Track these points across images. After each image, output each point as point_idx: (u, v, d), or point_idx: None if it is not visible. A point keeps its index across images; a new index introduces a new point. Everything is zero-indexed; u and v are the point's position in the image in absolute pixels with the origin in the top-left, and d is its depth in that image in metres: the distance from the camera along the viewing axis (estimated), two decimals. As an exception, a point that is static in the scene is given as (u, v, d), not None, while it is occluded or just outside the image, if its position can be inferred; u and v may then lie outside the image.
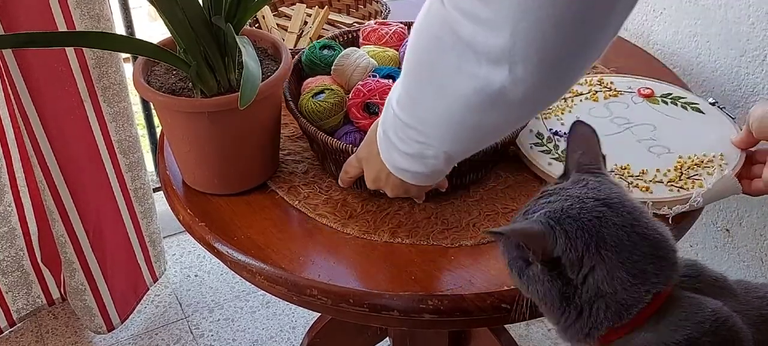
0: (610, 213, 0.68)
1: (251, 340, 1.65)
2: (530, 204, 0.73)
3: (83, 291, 1.53)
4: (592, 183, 0.71)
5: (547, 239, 0.66)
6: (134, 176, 1.52)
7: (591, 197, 0.69)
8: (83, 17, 1.28)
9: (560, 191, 0.71)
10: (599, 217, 0.67)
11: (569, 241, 0.66)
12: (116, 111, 1.42)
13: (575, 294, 0.68)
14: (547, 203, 0.70)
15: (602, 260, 0.66)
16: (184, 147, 0.94)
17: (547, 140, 1.03)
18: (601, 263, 0.66)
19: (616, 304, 0.67)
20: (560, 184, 0.74)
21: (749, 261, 1.34)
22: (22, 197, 1.51)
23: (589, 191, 0.70)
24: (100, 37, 0.95)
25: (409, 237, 0.89)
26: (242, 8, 0.89)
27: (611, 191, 0.70)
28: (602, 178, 0.72)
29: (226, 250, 0.89)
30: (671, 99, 1.10)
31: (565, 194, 0.70)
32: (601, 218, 0.67)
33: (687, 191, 0.92)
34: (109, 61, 1.36)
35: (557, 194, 0.71)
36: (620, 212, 0.68)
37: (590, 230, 0.67)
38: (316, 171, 1.00)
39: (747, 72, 1.22)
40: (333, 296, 0.83)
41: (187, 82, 0.93)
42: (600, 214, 0.67)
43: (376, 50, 1.06)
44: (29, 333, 1.66)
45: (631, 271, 0.67)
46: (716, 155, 0.98)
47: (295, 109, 0.96)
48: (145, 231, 1.61)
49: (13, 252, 1.53)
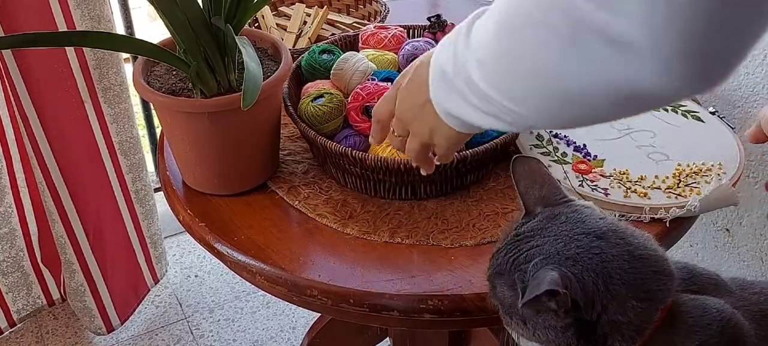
0: (605, 246, 0.67)
1: (251, 340, 1.65)
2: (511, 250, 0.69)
3: (83, 292, 1.53)
4: (571, 216, 0.69)
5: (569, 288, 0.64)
6: (135, 178, 1.52)
7: (581, 232, 0.67)
8: (84, 18, 1.28)
9: (542, 231, 0.69)
10: (598, 253, 0.66)
11: (581, 286, 0.65)
12: (117, 112, 1.42)
13: (593, 332, 0.67)
14: (537, 248, 0.67)
15: (612, 296, 0.65)
16: (184, 147, 0.94)
17: (547, 142, 1.03)
18: (612, 299, 0.65)
19: (630, 330, 0.67)
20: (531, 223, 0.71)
21: (749, 261, 1.35)
22: (22, 198, 1.51)
23: (574, 226, 0.68)
24: (100, 37, 0.95)
25: (409, 237, 0.89)
26: (242, 8, 0.89)
27: (595, 220, 0.69)
28: (574, 205, 0.71)
29: (226, 250, 0.89)
30: (672, 106, 1.11)
31: (552, 234, 0.68)
32: (600, 253, 0.66)
33: (684, 198, 0.92)
34: (110, 62, 1.36)
35: (541, 235, 0.68)
36: (613, 241, 0.67)
37: (595, 270, 0.65)
38: (316, 171, 1.00)
39: (747, 72, 1.22)
40: (333, 296, 0.83)
41: (187, 83, 0.93)
42: (598, 249, 0.66)
43: (375, 54, 1.06)
44: (29, 334, 1.66)
45: (640, 296, 0.66)
46: (715, 165, 0.98)
47: (294, 114, 0.96)
48: (147, 232, 1.61)
49: (13, 253, 1.53)
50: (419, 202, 0.95)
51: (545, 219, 0.70)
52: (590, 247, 0.66)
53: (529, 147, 1.01)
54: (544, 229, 0.69)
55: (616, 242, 0.67)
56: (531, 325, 0.69)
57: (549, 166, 0.97)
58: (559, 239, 0.67)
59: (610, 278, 0.65)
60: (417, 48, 1.05)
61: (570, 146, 1.02)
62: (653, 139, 1.04)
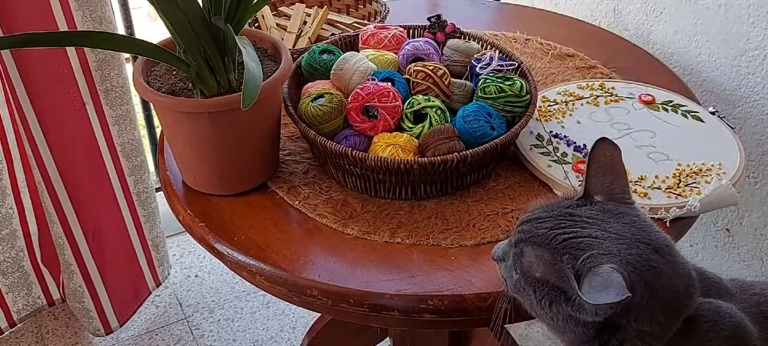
0: (660, 262, 0.66)
1: (251, 340, 1.65)
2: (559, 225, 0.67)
3: (81, 293, 1.53)
4: (635, 219, 0.68)
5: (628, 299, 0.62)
6: (137, 180, 1.52)
7: (642, 241, 0.66)
8: (85, 19, 1.27)
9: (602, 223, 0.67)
10: (655, 267, 0.65)
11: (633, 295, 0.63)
12: (119, 114, 1.41)
13: (613, 335, 0.66)
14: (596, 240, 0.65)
15: (648, 308, 0.65)
16: (184, 147, 0.94)
17: (547, 142, 1.03)
18: (646, 311, 0.65)
19: (650, 338, 0.66)
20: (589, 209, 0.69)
21: (749, 261, 1.34)
22: (22, 198, 1.51)
23: (637, 231, 0.66)
24: (100, 37, 0.95)
25: (409, 237, 0.89)
26: (242, 8, 0.89)
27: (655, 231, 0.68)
28: (636, 209, 0.70)
29: (227, 250, 0.89)
30: (672, 106, 1.11)
31: (614, 232, 0.66)
32: (656, 268, 0.65)
33: (685, 198, 0.92)
34: (112, 63, 1.36)
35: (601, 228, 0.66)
36: (667, 257, 0.66)
37: (647, 281, 0.64)
38: (316, 171, 1.00)
39: (747, 72, 1.22)
40: (333, 296, 0.83)
41: (187, 83, 0.93)
42: (655, 263, 0.65)
43: (375, 54, 1.06)
44: (29, 334, 1.66)
45: (669, 312, 0.66)
46: (715, 164, 0.98)
47: (294, 115, 0.96)
48: (149, 235, 1.61)
49: (13, 253, 1.53)
50: (419, 202, 0.95)
51: (606, 212, 0.68)
52: (648, 258, 0.65)
53: (530, 147, 1.01)
54: (605, 222, 0.67)
55: (669, 259, 0.67)
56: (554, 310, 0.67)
57: (549, 167, 0.97)
58: (621, 239, 0.66)
59: (654, 294, 0.65)
60: (417, 48, 1.05)
61: (570, 146, 1.02)
62: (653, 139, 1.04)
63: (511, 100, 0.97)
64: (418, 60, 1.04)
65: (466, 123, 0.94)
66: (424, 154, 0.92)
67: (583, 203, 0.70)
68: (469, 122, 0.93)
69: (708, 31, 1.27)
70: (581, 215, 0.68)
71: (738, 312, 0.70)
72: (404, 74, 1.02)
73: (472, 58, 1.06)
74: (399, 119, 0.97)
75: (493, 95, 0.97)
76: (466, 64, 1.06)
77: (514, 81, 0.99)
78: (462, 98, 1.01)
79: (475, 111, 0.95)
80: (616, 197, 0.70)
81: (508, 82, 0.98)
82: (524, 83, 0.99)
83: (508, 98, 0.97)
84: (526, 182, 0.98)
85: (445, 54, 1.07)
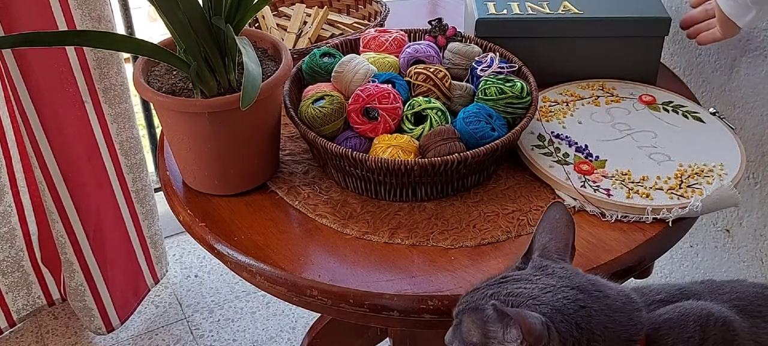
0: (589, 300, 0.67)
1: (251, 340, 1.65)
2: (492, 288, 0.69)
3: (83, 292, 1.53)
4: (558, 271, 0.70)
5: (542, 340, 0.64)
6: (135, 178, 1.52)
7: (567, 285, 0.68)
8: (84, 18, 1.27)
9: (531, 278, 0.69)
10: (583, 306, 0.66)
11: (562, 343, 0.65)
12: (117, 112, 1.42)
13: None
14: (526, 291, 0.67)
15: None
16: (184, 147, 0.94)
17: (548, 143, 1.03)
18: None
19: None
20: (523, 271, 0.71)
21: (749, 261, 1.34)
22: (22, 197, 1.51)
23: (561, 279, 0.69)
24: (101, 36, 0.95)
25: (409, 238, 0.89)
26: (242, 9, 0.89)
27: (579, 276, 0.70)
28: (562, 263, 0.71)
29: (226, 250, 0.89)
30: (672, 107, 1.11)
31: (540, 283, 0.68)
32: (585, 307, 0.67)
33: (686, 199, 0.92)
34: (111, 62, 1.36)
35: (529, 281, 0.69)
36: (594, 294, 0.68)
37: (580, 326, 0.66)
38: (316, 172, 1.00)
39: (747, 72, 1.22)
40: (333, 297, 0.83)
41: (187, 83, 0.93)
42: (583, 303, 0.67)
43: (376, 57, 1.06)
44: (29, 334, 1.66)
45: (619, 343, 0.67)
46: (716, 165, 0.98)
47: (295, 116, 0.96)
48: (147, 233, 1.61)
49: (13, 252, 1.53)
50: (419, 203, 0.95)
51: (537, 269, 0.71)
52: (575, 299, 0.67)
53: (531, 147, 1.01)
54: (535, 277, 0.69)
55: (597, 294, 0.68)
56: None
57: (551, 167, 0.97)
58: (548, 289, 0.68)
59: (593, 333, 0.66)
60: (418, 51, 1.05)
61: (572, 147, 1.02)
62: (654, 139, 1.04)
63: (511, 102, 0.97)
64: (419, 62, 1.04)
65: (467, 124, 0.93)
66: (424, 155, 0.92)
67: (521, 266, 0.73)
68: (470, 123, 0.93)
69: (708, 32, 1.27)
70: (513, 276, 0.71)
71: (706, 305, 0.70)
72: (405, 77, 1.02)
73: (473, 61, 1.05)
74: (399, 121, 0.97)
75: (493, 97, 0.97)
76: (467, 68, 1.06)
77: (515, 83, 0.99)
78: (463, 100, 1.01)
79: (475, 112, 0.95)
80: (547, 255, 0.72)
81: (509, 83, 0.98)
82: (525, 85, 0.99)
83: (508, 100, 0.97)
84: (528, 183, 0.98)
85: (445, 57, 1.07)
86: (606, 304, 0.68)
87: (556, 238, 0.73)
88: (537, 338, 0.63)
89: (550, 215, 0.75)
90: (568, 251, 0.73)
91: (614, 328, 0.67)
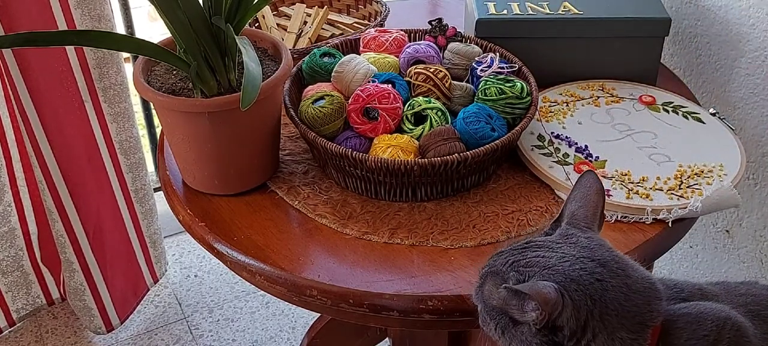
0: (607, 275, 0.67)
1: (251, 340, 1.65)
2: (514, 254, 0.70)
3: (83, 291, 1.53)
4: (582, 241, 0.69)
5: (557, 307, 0.64)
6: (135, 177, 1.52)
7: (587, 257, 0.67)
8: (84, 17, 1.28)
9: (553, 246, 0.69)
10: (600, 280, 0.66)
11: (576, 310, 0.65)
12: (117, 112, 1.42)
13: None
14: (543, 259, 0.68)
15: (604, 326, 0.65)
16: (184, 147, 0.94)
17: (548, 143, 1.03)
18: (603, 329, 0.65)
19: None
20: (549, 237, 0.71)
21: (749, 262, 1.34)
22: (21, 197, 1.51)
23: (582, 250, 0.68)
24: (101, 36, 0.95)
25: (409, 238, 0.89)
26: (242, 9, 0.89)
27: (604, 250, 0.69)
28: (589, 233, 0.71)
29: (226, 250, 0.89)
30: (672, 107, 1.11)
31: (560, 252, 0.68)
32: (601, 281, 0.66)
33: (686, 199, 0.92)
34: (110, 61, 1.36)
35: (550, 249, 0.69)
36: (615, 270, 0.67)
37: (594, 297, 0.65)
38: (316, 172, 1.00)
39: (747, 72, 1.22)
40: (333, 297, 0.83)
41: (187, 82, 0.93)
42: (600, 277, 0.66)
43: (376, 57, 1.06)
44: (29, 333, 1.66)
45: (631, 326, 0.66)
46: (716, 166, 0.98)
47: (295, 116, 0.96)
48: (146, 232, 1.61)
49: (12, 252, 1.53)
50: (419, 203, 0.95)
51: (562, 237, 0.70)
52: (593, 272, 0.66)
53: (531, 148, 1.01)
54: (557, 245, 0.69)
55: (618, 272, 0.67)
56: (508, 336, 0.68)
57: (551, 168, 0.97)
58: (565, 258, 0.67)
59: (607, 309, 0.65)
60: (418, 51, 1.05)
61: (572, 147, 1.02)
62: (654, 140, 1.04)
63: (511, 102, 0.97)
64: (419, 63, 1.04)
65: (467, 124, 0.93)
66: (424, 155, 0.92)
67: (549, 232, 0.73)
68: (470, 124, 0.93)
69: (708, 32, 1.27)
70: (536, 242, 0.71)
71: (725, 311, 0.70)
72: (405, 77, 1.02)
73: (473, 61, 1.05)
74: (399, 121, 0.97)
75: (493, 97, 0.97)
76: (467, 68, 1.06)
77: (515, 83, 0.99)
78: (463, 101, 1.01)
79: (475, 112, 0.95)
80: (575, 223, 0.72)
81: (509, 84, 0.98)
82: (525, 85, 0.99)
83: (508, 100, 0.97)
84: (527, 183, 0.98)
85: (446, 57, 1.07)
86: (625, 283, 0.67)
87: (585, 205, 0.73)
88: (553, 306, 0.63)
89: (582, 183, 0.74)
90: (596, 219, 0.73)
91: (630, 308, 0.66)
